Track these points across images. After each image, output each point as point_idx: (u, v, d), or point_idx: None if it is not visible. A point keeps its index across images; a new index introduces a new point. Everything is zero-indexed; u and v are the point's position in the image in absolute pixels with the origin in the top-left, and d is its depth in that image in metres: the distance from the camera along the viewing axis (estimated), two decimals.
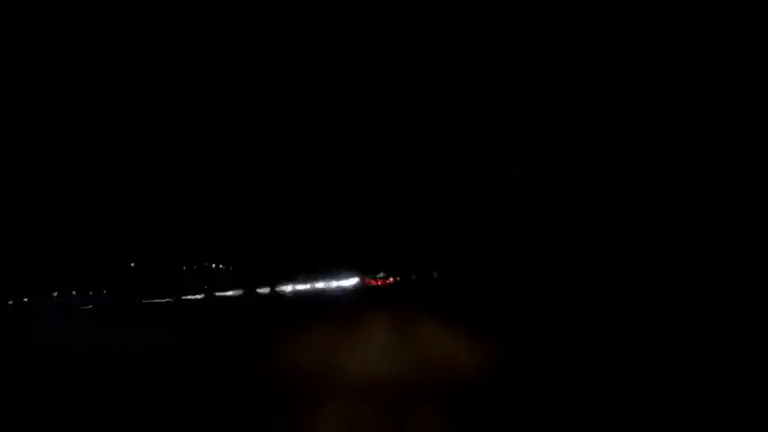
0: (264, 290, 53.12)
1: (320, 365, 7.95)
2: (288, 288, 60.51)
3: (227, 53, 22.96)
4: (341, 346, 9.94)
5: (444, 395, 5.86)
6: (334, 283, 69.42)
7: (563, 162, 21.01)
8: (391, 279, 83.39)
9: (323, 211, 51.85)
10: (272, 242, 52.54)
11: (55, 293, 39.97)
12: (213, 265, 55.60)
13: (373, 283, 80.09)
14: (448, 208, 40.14)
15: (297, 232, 54.69)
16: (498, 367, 7.43)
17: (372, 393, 6.20)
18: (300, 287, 63.86)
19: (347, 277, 72.28)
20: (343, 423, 5.29)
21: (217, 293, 49.91)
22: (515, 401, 5.59)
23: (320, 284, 66.74)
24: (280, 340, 11.93)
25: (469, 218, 37.32)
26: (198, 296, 47.08)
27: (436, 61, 22.38)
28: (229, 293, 52.92)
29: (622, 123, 16.36)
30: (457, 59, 21.15)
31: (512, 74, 19.09)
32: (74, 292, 41.37)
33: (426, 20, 19.20)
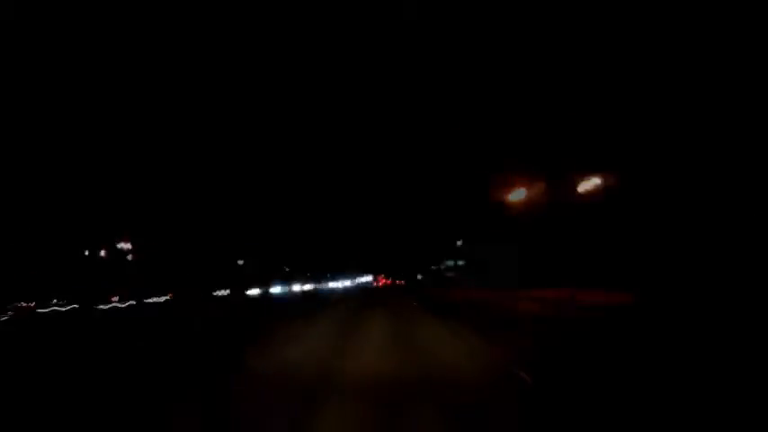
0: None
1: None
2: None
3: (230, 55, 22.98)
4: None
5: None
6: (351, 281, 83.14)
7: (563, 162, 20.97)
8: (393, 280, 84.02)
9: (337, 216, 52.21)
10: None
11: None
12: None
13: (383, 282, 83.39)
14: (453, 211, 40.12)
15: (316, 238, 55.48)
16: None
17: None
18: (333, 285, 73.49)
19: (362, 276, 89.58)
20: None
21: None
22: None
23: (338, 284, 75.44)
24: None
25: (474, 221, 37.26)
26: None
27: (437, 61, 22.38)
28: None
29: (621, 123, 16.34)
30: (456, 60, 21.15)
31: (511, 74, 19.09)
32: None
33: (426, 20, 19.20)
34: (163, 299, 32.97)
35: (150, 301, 31.47)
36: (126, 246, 33.43)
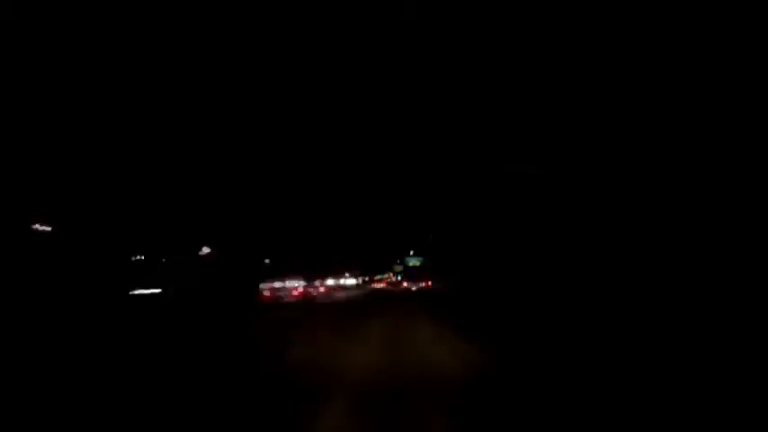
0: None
1: None
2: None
3: (229, 54, 22.96)
4: None
5: None
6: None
7: (563, 162, 20.97)
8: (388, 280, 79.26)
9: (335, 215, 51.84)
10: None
11: None
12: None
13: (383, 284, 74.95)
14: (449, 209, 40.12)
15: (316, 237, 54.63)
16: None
17: None
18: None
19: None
20: None
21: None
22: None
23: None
24: None
25: (471, 218, 37.28)
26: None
27: (437, 61, 22.36)
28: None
29: (621, 124, 16.34)
30: (457, 59, 21.13)
31: (512, 73, 19.09)
32: None
33: (426, 19, 19.19)
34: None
35: None
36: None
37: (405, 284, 45.88)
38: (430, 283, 43.08)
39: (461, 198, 39.23)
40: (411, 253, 68.20)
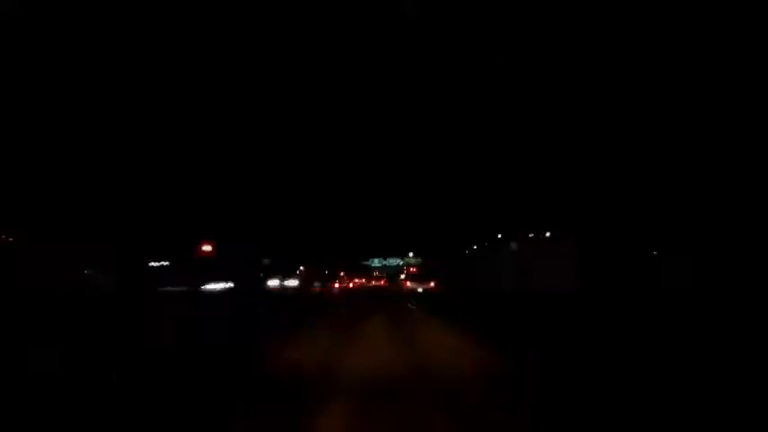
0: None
1: None
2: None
3: (229, 52, 22.95)
4: None
5: None
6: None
7: (568, 162, 20.88)
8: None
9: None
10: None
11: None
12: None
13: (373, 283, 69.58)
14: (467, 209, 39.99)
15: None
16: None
17: None
18: None
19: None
20: None
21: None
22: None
23: None
24: None
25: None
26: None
27: (443, 60, 22.30)
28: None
29: (622, 124, 16.27)
30: (459, 58, 21.05)
31: (514, 72, 19.02)
32: None
33: (427, 17, 19.13)
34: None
35: None
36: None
37: (408, 284, 45.91)
38: (433, 284, 42.72)
39: (465, 198, 39.09)
40: (410, 254, 66.68)
